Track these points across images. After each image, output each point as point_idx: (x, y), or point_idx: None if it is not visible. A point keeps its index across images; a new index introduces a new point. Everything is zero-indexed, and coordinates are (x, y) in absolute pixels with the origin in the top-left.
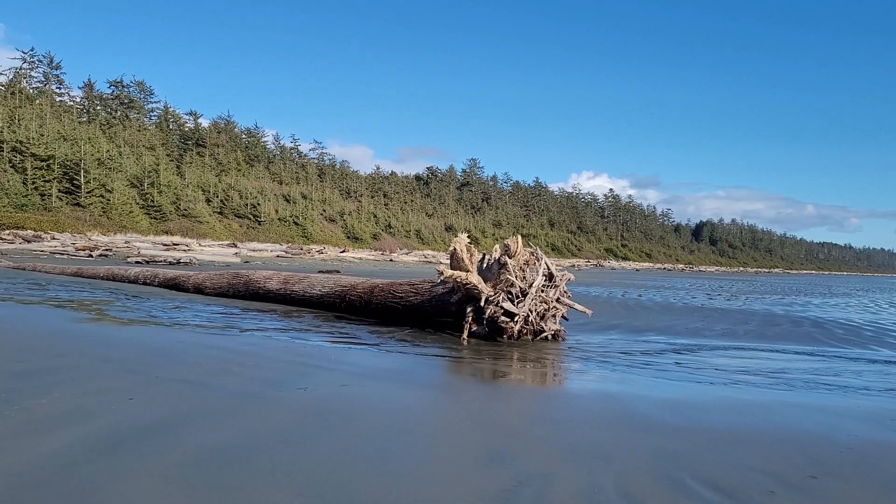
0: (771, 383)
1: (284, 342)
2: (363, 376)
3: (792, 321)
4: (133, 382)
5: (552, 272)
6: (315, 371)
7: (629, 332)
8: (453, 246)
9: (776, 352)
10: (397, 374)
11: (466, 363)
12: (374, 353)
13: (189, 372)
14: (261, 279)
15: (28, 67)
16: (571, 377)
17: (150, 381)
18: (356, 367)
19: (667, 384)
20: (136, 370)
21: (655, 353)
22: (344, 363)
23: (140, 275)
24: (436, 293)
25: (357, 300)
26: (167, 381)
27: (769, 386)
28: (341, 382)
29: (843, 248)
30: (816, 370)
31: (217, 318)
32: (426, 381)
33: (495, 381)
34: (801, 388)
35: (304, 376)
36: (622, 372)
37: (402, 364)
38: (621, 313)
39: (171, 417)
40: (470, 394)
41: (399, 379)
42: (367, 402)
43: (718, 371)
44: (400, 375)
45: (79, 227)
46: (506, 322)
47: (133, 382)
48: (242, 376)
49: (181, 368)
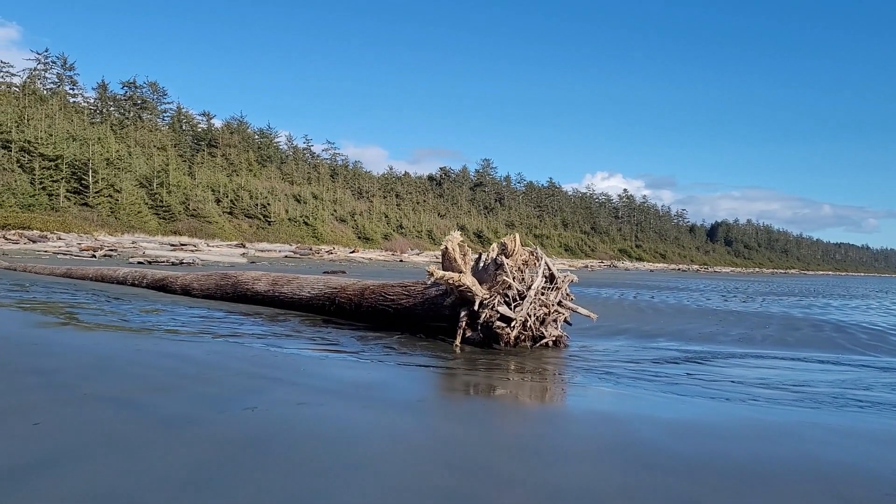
0: (795, 399)
1: (255, 350)
2: (328, 392)
3: (812, 325)
4: (50, 401)
5: (553, 273)
6: (274, 386)
7: (638, 338)
8: (444, 244)
9: (797, 360)
10: (369, 388)
11: (453, 375)
12: (352, 362)
13: (125, 388)
14: (249, 281)
15: (42, 69)
16: (568, 393)
17: (73, 399)
18: (324, 380)
19: (676, 401)
20: (65, 385)
21: (665, 363)
22: (312, 375)
23: (128, 276)
24: (428, 296)
25: (347, 303)
26: (92, 400)
27: (793, 403)
28: (299, 400)
29: (860, 249)
30: (844, 382)
31: (194, 322)
32: (398, 397)
33: (478, 399)
34: (828, 405)
35: (260, 392)
36: (626, 386)
37: (379, 376)
38: (631, 316)
39: (68, 450)
40: (444, 415)
41: (368, 395)
42: (317, 426)
43: (735, 384)
44: (371, 391)
45: (86, 228)
46: (501, 328)
47: (50, 401)
48: (185, 393)
49: (118, 383)
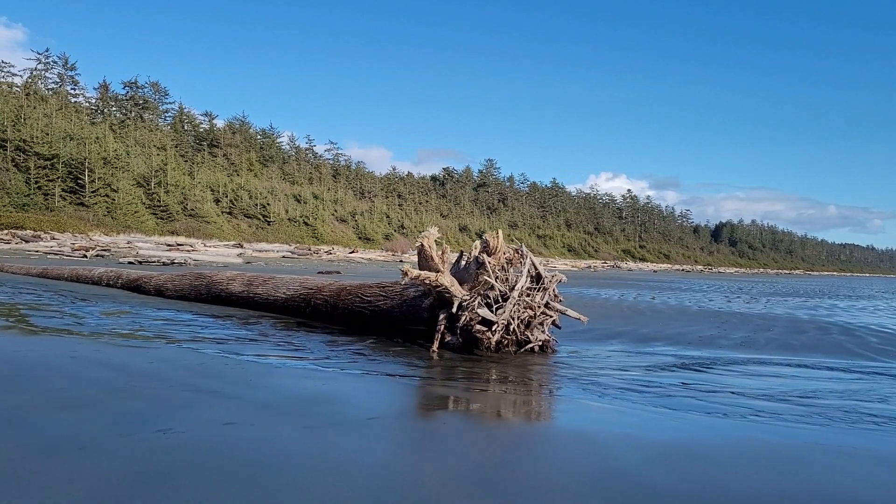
0: (802, 414)
1: (207, 358)
2: (268, 408)
3: (819, 328)
4: None
5: (540, 272)
6: (209, 401)
7: (634, 342)
8: (420, 241)
9: (804, 367)
10: (319, 403)
11: (422, 387)
12: (311, 371)
13: (28, 403)
14: (223, 281)
15: (43, 68)
16: (546, 408)
17: None
18: (271, 392)
19: (668, 417)
20: None
21: (660, 370)
22: (259, 387)
23: (103, 276)
24: (407, 297)
25: (322, 304)
26: None
27: (800, 419)
28: (228, 419)
29: (864, 250)
30: (856, 393)
31: (156, 325)
32: (349, 415)
33: (443, 416)
34: (840, 421)
35: (187, 409)
36: (613, 399)
37: (337, 388)
38: (629, 318)
39: None
40: (396, 439)
41: (314, 412)
42: (237, 454)
43: (735, 396)
44: (320, 406)
45: (81, 227)
46: (482, 332)
47: None
48: (96, 410)
49: (22, 398)
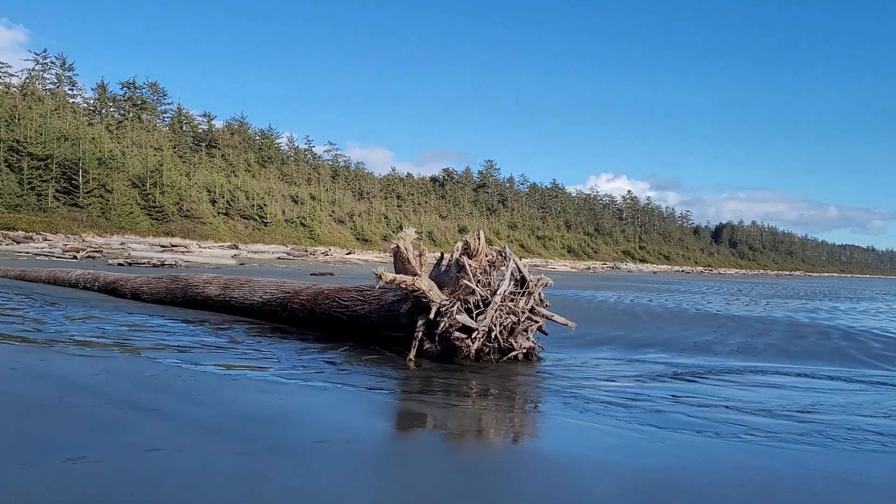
0: (801, 433)
1: (161, 368)
2: (208, 429)
3: (819, 332)
4: None
5: (524, 276)
6: (144, 420)
7: (626, 348)
8: (395, 243)
9: (803, 376)
10: (267, 422)
11: (391, 402)
12: (271, 384)
13: None
14: (199, 284)
15: (41, 69)
16: (519, 428)
17: None
18: (218, 410)
19: (654, 437)
20: None
21: (650, 381)
22: (207, 403)
23: (80, 278)
24: (385, 302)
25: (299, 309)
26: None
27: (799, 439)
28: (156, 444)
29: (865, 251)
30: (859, 407)
31: (120, 331)
32: (296, 438)
33: (403, 439)
34: (843, 441)
35: (113, 431)
36: (595, 415)
37: (294, 403)
38: (624, 322)
39: None
40: (340, 470)
41: (258, 434)
42: (140, 489)
43: (729, 411)
44: (267, 426)
45: (74, 228)
46: (461, 339)
47: None
48: (7, 434)
49: None
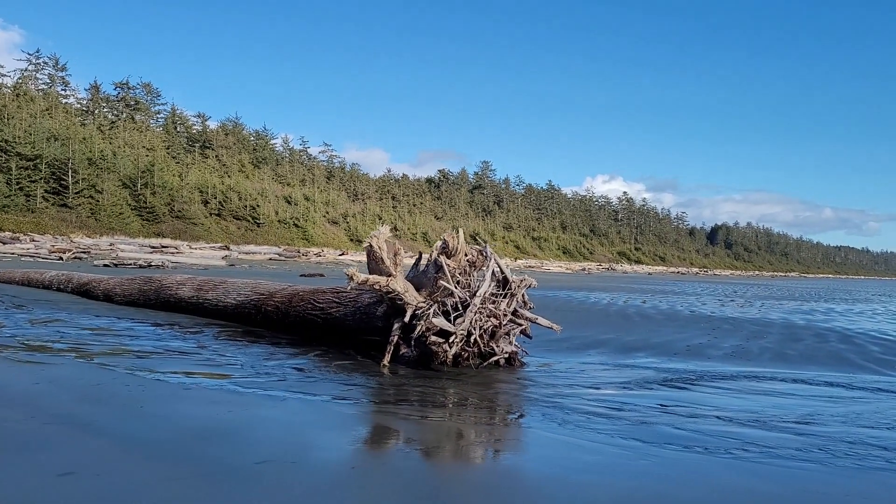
0: (799, 447)
1: (111, 376)
2: (141, 447)
3: (816, 335)
4: None
5: (506, 276)
6: (72, 437)
7: (615, 352)
8: (368, 242)
9: (800, 382)
10: (209, 439)
11: (353, 413)
12: (226, 393)
13: None
14: (173, 285)
15: (33, 69)
16: (491, 442)
17: None
18: (159, 424)
19: (635, 455)
20: None
21: (637, 388)
22: (149, 417)
23: (54, 280)
24: (361, 304)
25: (273, 311)
26: None
27: (797, 455)
28: (72, 466)
29: (860, 252)
30: (860, 417)
31: (82, 335)
32: (233, 458)
33: (356, 456)
34: (844, 457)
35: (30, 450)
36: (575, 427)
37: (245, 417)
38: (615, 325)
39: None
40: (272, 496)
41: (193, 453)
42: None
43: (720, 422)
44: (206, 444)
45: (62, 229)
46: (438, 344)
47: None
48: None
49: None
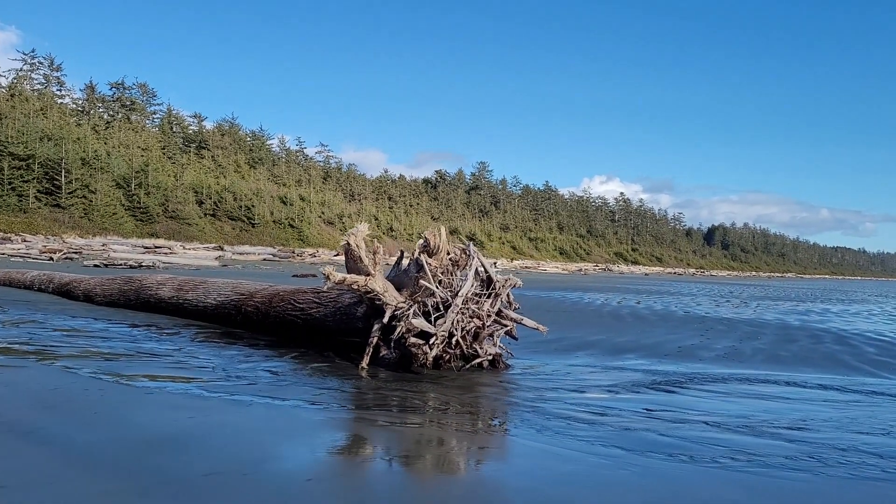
0: (791, 456)
1: (71, 380)
2: (85, 457)
3: (811, 335)
4: None
5: (490, 276)
6: (14, 447)
7: (604, 354)
8: (346, 240)
9: (794, 384)
10: (161, 448)
11: (322, 420)
12: (191, 398)
13: None
14: (153, 286)
15: (28, 69)
16: (463, 450)
17: None
18: (113, 431)
19: (615, 465)
20: None
21: (623, 391)
22: (104, 423)
23: (36, 280)
24: (341, 304)
25: (254, 312)
26: None
27: (787, 464)
28: None
29: (856, 253)
30: (854, 422)
31: (52, 336)
32: (179, 470)
33: (314, 468)
34: (839, 466)
35: None
36: (554, 434)
37: (205, 423)
38: (607, 325)
39: None
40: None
41: (140, 465)
42: None
43: (708, 427)
44: (157, 454)
45: (55, 230)
46: (418, 346)
47: None
48: None
49: None
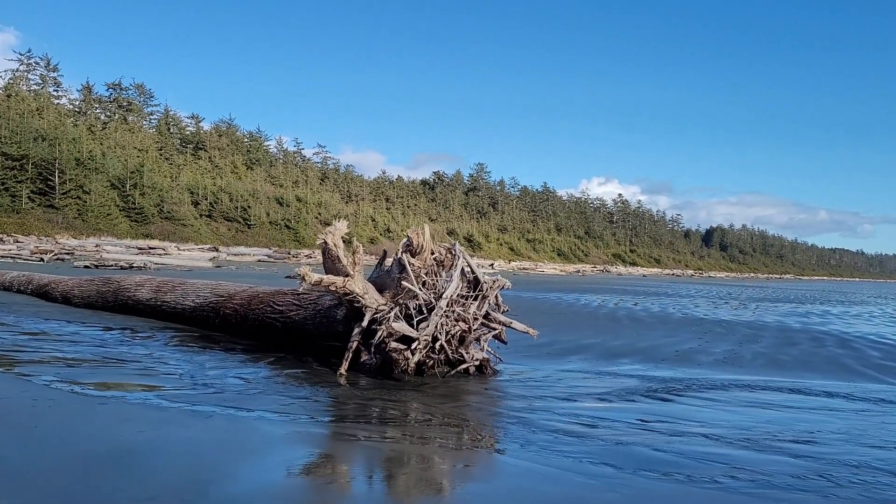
0: (797, 475)
1: (21, 389)
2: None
3: (812, 338)
4: None
5: (477, 277)
6: None
7: (598, 358)
8: (323, 239)
9: (796, 391)
10: (98, 468)
11: (285, 433)
12: (147, 409)
13: None
14: (131, 287)
15: (25, 70)
16: (436, 468)
17: None
18: (46, 447)
19: (604, 486)
20: None
21: (618, 399)
22: (36, 439)
23: (14, 281)
24: (322, 306)
25: (232, 314)
26: None
27: (794, 484)
28: None
29: (854, 254)
30: (864, 434)
31: (17, 340)
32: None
33: (263, 497)
34: (851, 487)
35: None
36: (539, 449)
37: (157, 438)
38: (602, 328)
39: None
40: None
41: (74, 488)
42: None
43: (707, 441)
44: (85, 473)
45: (48, 230)
46: (399, 351)
47: None
48: None
49: None
